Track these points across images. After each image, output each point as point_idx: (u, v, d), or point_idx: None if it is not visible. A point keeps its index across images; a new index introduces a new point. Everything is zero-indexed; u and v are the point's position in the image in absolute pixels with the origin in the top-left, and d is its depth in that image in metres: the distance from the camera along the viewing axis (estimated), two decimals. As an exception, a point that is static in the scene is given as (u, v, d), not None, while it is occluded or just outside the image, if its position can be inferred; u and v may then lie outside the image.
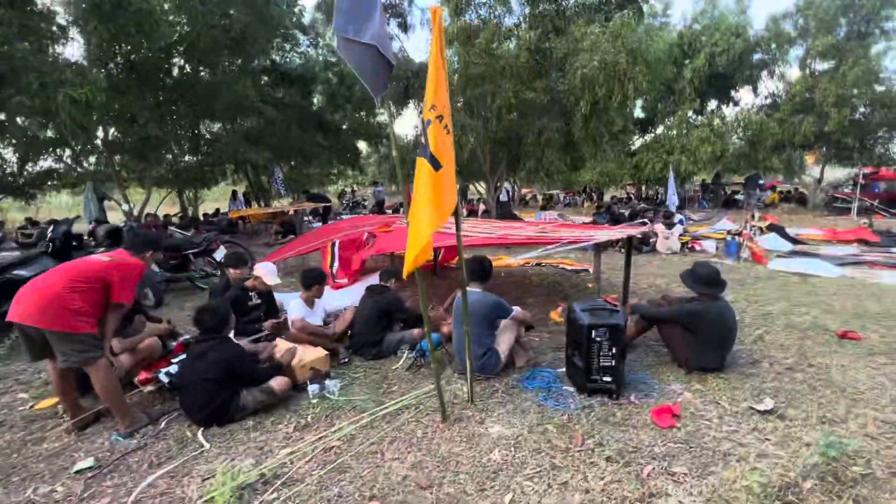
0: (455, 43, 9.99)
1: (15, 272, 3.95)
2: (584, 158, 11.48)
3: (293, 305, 3.69)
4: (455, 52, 10.02)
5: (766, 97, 18.54)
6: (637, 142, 19.95)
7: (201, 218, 13.41)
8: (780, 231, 9.38)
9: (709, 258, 7.79)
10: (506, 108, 9.46)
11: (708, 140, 15.97)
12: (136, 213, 11.70)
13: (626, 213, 12.53)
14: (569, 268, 7.00)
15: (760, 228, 9.75)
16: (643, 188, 23.30)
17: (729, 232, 9.08)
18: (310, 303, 3.84)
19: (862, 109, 15.66)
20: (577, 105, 9.14)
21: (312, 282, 3.81)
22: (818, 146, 16.78)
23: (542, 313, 4.57)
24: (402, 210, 16.14)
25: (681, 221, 10.24)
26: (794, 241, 9.12)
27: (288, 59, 15.23)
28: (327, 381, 3.07)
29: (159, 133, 10.18)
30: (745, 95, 19.18)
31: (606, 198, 22.86)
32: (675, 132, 17.14)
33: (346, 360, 3.57)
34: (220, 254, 5.98)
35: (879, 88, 15.22)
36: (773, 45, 16.88)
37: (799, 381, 3.01)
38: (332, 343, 3.65)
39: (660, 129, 19.56)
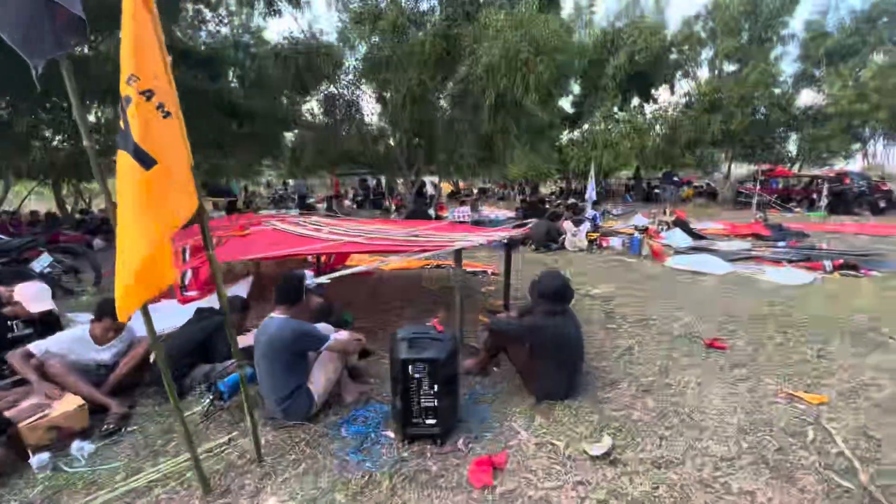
0: (364, 24, 9.26)
1: None
2: (497, 153, 11.19)
3: (61, 338, 2.82)
4: (362, 33, 9.29)
5: (682, 96, 19.45)
6: (565, 137, 20.26)
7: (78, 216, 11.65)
8: (684, 226, 9.61)
9: (614, 255, 7.74)
10: (410, 97, 8.90)
11: (628, 136, 16.44)
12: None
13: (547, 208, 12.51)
14: (469, 269, 6.58)
15: (668, 223, 9.96)
16: (572, 183, 23.78)
17: (636, 228, 9.16)
18: (102, 337, 2.95)
19: (763, 110, 16.79)
20: (483, 96, 8.76)
21: (106, 312, 2.90)
22: (727, 144, 17.80)
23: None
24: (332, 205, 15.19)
25: (594, 218, 10.26)
26: (697, 235, 9.37)
27: (192, 37, 13.60)
28: (77, 443, 2.34)
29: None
30: (663, 94, 20.01)
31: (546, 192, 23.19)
32: (598, 127, 17.49)
33: (113, 427, 2.51)
34: (40, 264, 4.91)
35: (776, 91, 16.36)
36: (686, 47, 17.64)
37: (650, 407, 2.70)
38: (102, 398, 2.65)
39: (586, 126, 19.98)
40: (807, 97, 17.87)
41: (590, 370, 3.15)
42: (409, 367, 2.28)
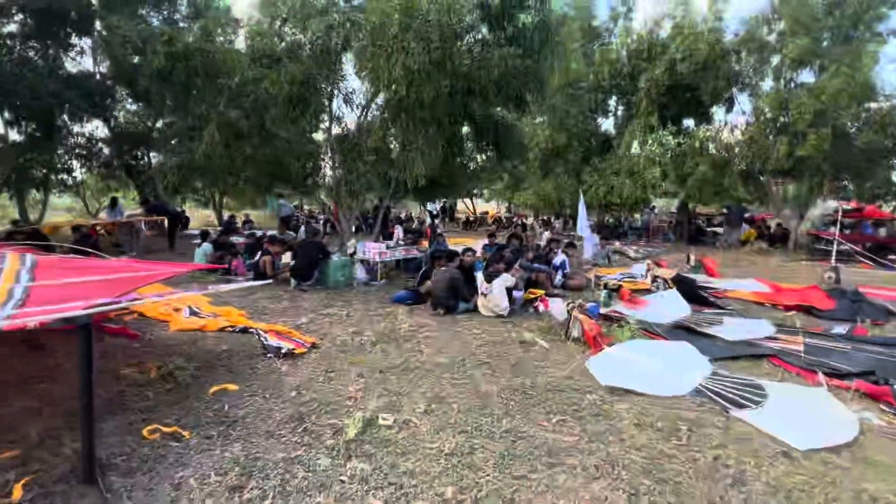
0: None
1: None
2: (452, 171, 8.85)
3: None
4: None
5: (740, 113, 15.68)
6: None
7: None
8: (687, 288, 6.51)
9: (537, 327, 5.01)
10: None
11: (656, 161, 13.23)
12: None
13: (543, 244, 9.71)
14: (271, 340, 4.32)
15: (665, 281, 6.91)
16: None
17: (605, 286, 6.28)
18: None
19: (852, 129, 12.70)
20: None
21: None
22: (797, 173, 13.75)
23: None
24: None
25: (562, 264, 7.48)
26: (703, 300, 6.28)
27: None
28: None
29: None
30: (717, 111, 16.38)
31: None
32: (622, 151, 14.44)
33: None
34: None
35: (871, 105, 12.28)
36: (744, 52, 14.12)
37: None
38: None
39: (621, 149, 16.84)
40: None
41: None
42: None
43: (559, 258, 7.58)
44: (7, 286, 2.73)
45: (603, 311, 5.59)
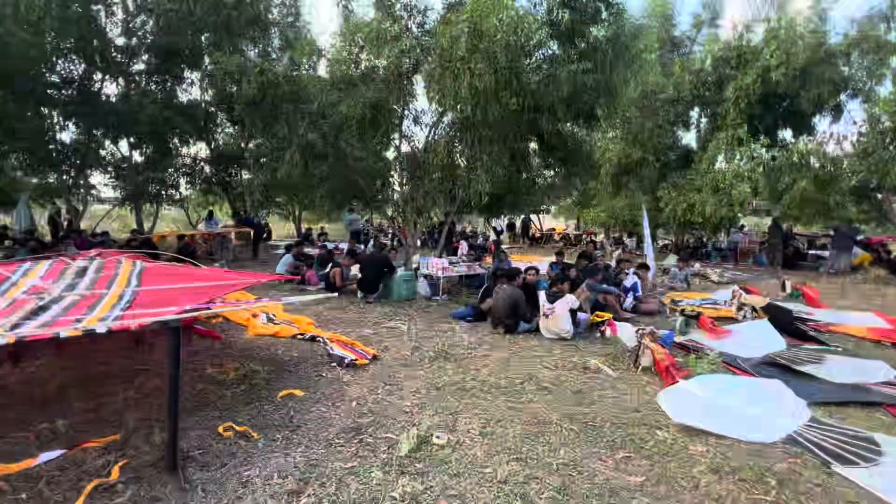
0: None
1: None
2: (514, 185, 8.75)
3: None
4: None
5: (850, 122, 13.86)
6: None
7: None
8: (781, 317, 5.80)
9: (600, 354, 4.72)
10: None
11: (745, 176, 12.07)
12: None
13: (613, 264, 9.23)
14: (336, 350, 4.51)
15: (753, 309, 6.22)
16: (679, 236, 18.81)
17: (682, 312, 5.78)
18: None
19: None
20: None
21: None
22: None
23: None
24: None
25: (633, 287, 7.04)
26: (803, 335, 5.54)
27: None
28: None
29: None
30: (820, 121, 14.65)
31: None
32: (705, 165, 13.38)
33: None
34: None
35: None
36: (855, 54, 12.54)
37: None
38: None
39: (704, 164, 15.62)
40: None
41: None
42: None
43: (630, 280, 7.14)
44: (119, 290, 3.14)
45: (678, 339, 5.14)
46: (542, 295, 5.43)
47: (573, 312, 5.40)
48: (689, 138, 17.29)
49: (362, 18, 7.87)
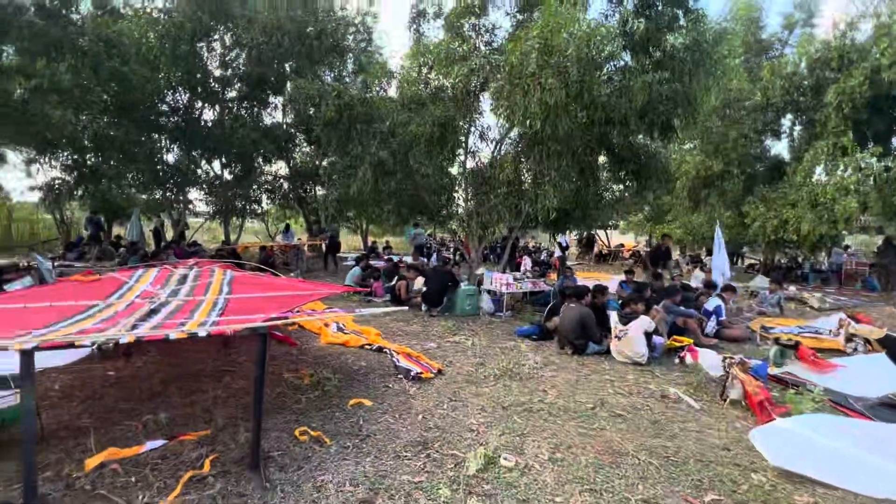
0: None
1: None
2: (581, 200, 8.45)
3: None
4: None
5: None
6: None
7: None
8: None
9: (685, 383, 4.35)
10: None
11: (850, 189, 10.72)
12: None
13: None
14: (402, 362, 4.59)
15: (867, 341, 5.44)
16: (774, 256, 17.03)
17: (776, 340, 5.18)
18: None
19: None
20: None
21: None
22: None
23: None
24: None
25: (717, 310, 6.46)
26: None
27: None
28: None
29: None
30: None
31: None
32: (800, 178, 12.09)
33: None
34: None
35: None
36: None
37: None
38: None
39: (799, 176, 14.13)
40: None
41: None
42: None
43: (713, 302, 6.56)
44: (213, 297, 3.45)
45: (773, 371, 4.62)
46: (613, 315, 5.17)
47: (648, 335, 5.06)
48: (779, 148, 15.82)
49: (432, 40, 8.17)
